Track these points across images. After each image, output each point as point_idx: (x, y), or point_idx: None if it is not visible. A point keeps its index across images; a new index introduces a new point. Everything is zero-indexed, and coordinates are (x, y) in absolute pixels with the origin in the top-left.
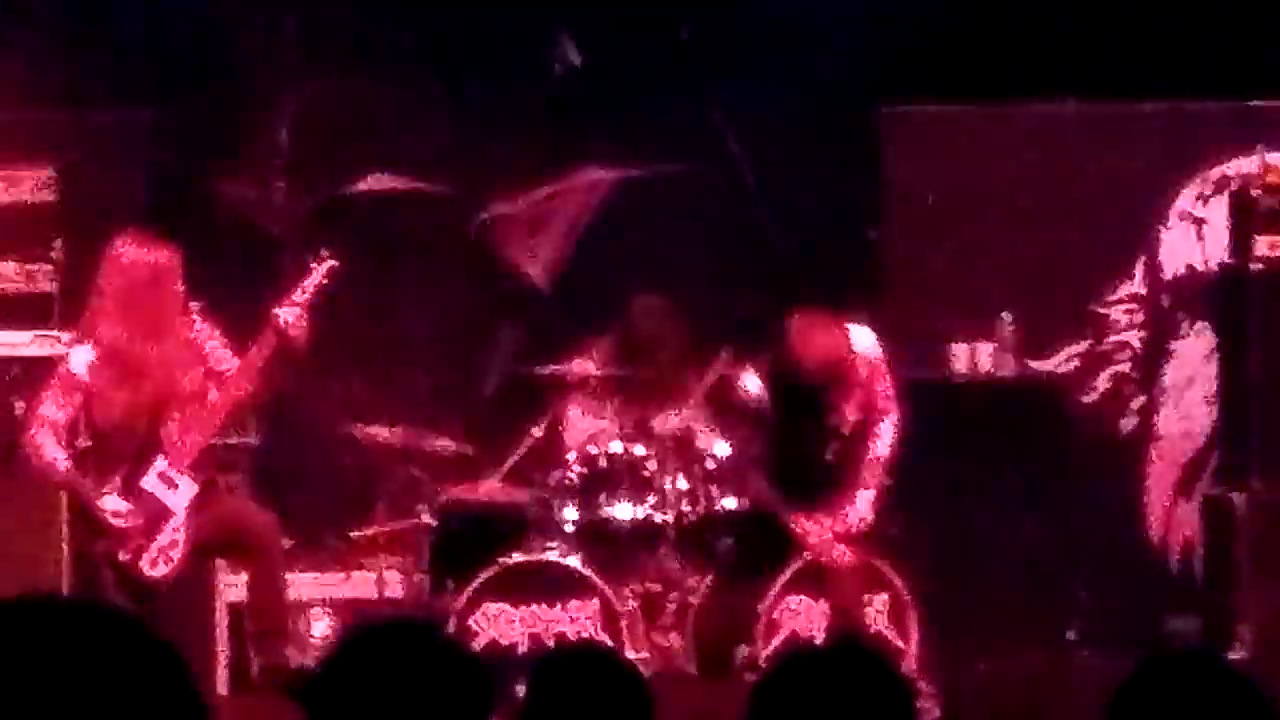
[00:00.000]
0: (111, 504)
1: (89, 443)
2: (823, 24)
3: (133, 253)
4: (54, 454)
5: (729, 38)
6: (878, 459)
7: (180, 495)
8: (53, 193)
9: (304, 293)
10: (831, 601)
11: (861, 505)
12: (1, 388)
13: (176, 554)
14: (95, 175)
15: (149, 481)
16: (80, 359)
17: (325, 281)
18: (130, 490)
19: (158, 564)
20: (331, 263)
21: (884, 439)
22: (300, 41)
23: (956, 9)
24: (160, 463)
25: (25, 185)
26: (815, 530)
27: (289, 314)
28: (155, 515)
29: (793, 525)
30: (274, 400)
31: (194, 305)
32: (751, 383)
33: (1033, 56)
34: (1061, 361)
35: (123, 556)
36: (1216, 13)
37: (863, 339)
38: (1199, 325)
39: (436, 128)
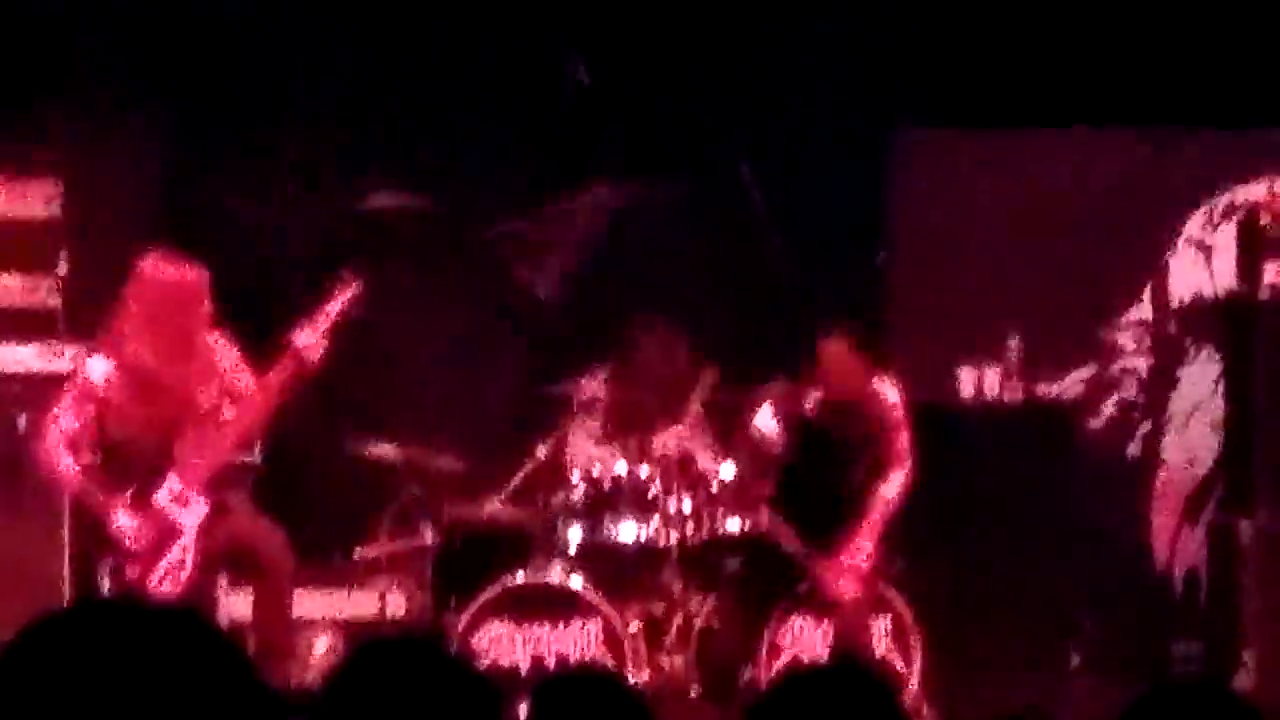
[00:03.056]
0: (123, 520)
1: (103, 456)
2: (834, 47)
3: (164, 270)
4: (68, 464)
5: (740, 59)
6: (886, 504)
7: (191, 513)
8: (58, 207)
9: (326, 316)
10: (836, 626)
11: (865, 545)
12: (5, 401)
13: (185, 573)
14: (101, 190)
15: (161, 498)
16: (99, 371)
17: (346, 305)
18: (142, 506)
19: (164, 582)
20: (354, 286)
21: (893, 487)
22: (311, 58)
23: (967, 34)
24: (173, 480)
25: (31, 199)
26: (823, 561)
27: (308, 339)
28: (165, 532)
29: (800, 556)
30: (277, 417)
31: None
32: (764, 420)
33: (1043, 83)
34: (1068, 386)
35: (130, 573)
36: (1226, 41)
37: (887, 390)
38: (1206, 352)
39: (445, 145)
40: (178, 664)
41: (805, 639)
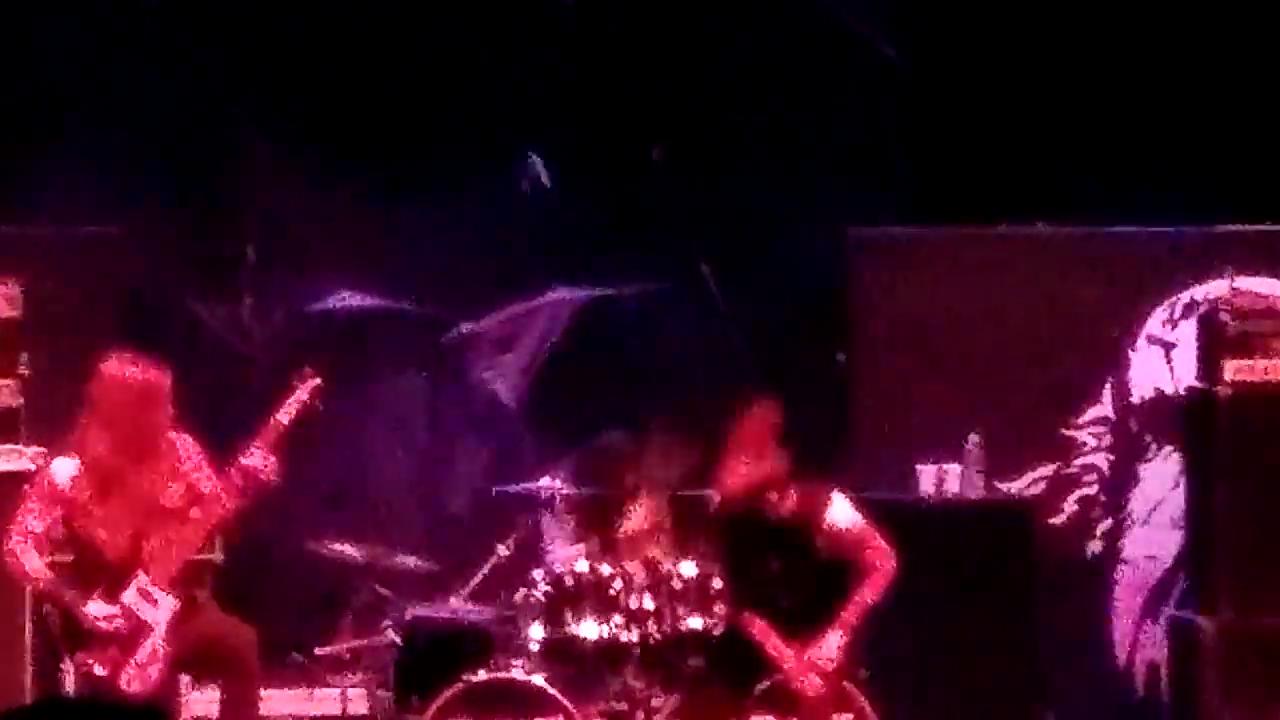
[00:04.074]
0: (97, 609)
1: (71, 556)
2: (791, 148)
3: (126, 371)
4: (35, 565)
5: (701, 160)
6: (862, 603)
7: (160, 611)
8: (18, 308)
9: (287, 412)
10: None
11: (831, 645)
12: None
13: (155, 670)
14: (62, 291)
15: (129, 596)
16: (65, 472)
17: (308, 399)
18: (111, 604)
19: (134, 682)
20: (315, 381)
21: (875, 588)
22: (274, 160)
23: (924, 133)
24: (141, 578)
25: None
26: (790, 656)
27: (256, 460)
28: (135, 630)
29: (768, 649)
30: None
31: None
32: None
33: (1002, 181)
34: (1028, 484)
35: (101, 671)
36: (1184, 139)
37: (841, 509)
38: (1167, 449)
39: (405, 246)
40: None
41: None
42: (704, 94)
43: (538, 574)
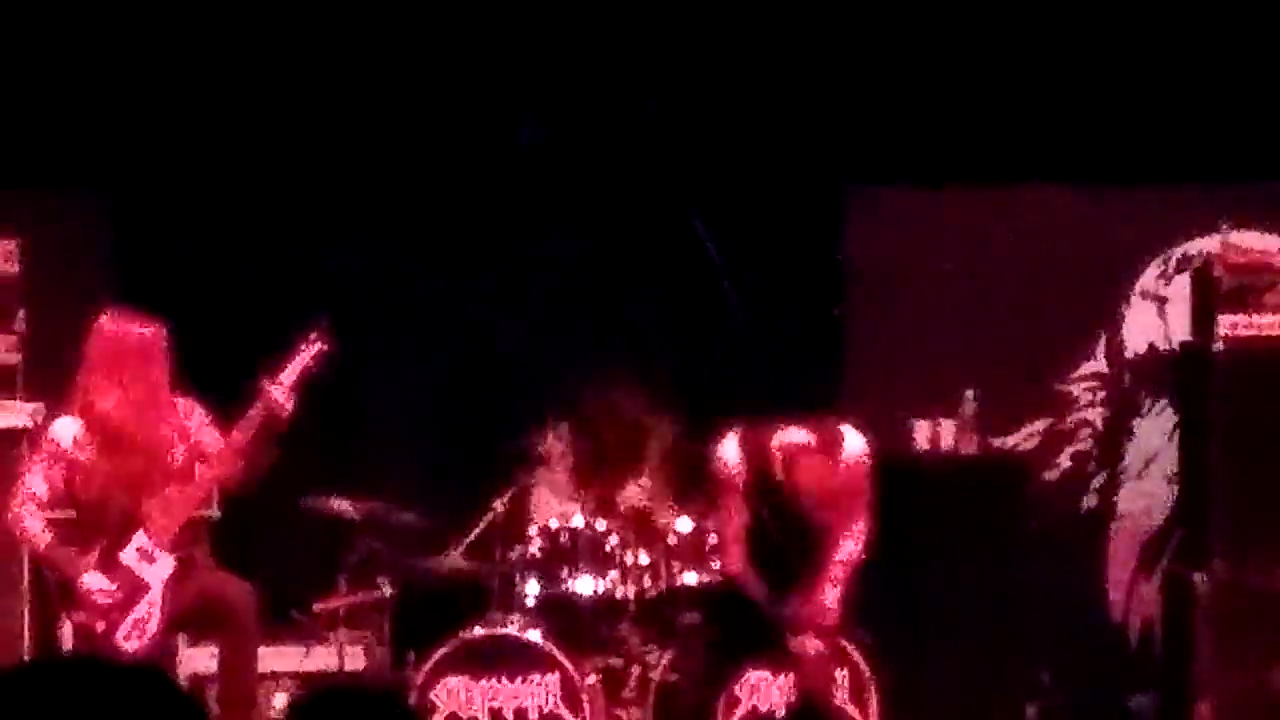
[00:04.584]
0: (92, 581)
1: (72, 514)
2: (790, 102)
3: (121, 327)
4: (36, 528)
5: (696, 114)
6: (847, 560)
7: (158, 570)
8: (16, 264)
9: (291, 373)
10: (796, 679)
11: (828, 599)
12: None
13: (152, 627)
14: (60, 248)
15: (128, 555)
16: (66, 431)
17: (312, 363)
18: (109, 563)
19: (131, 638)
20: (320, 345)
21: (854, 542)
22: (270, 112)
23: (921, 90)
24: (140, 537)
25: None
26: (789, 612)
27: (278, 392)
28: (132, 589)
29: (767, 605)
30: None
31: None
32: (729, 450)
33: (997, 138)
34: (1023, 439)
35: (98, 628)
36: (1180, 95)
37: (853, 443)
38: (1160, 403)
39: (403, 200)
40: None
41: (764, 691)
42: (700, 47)
43: (533, 530)
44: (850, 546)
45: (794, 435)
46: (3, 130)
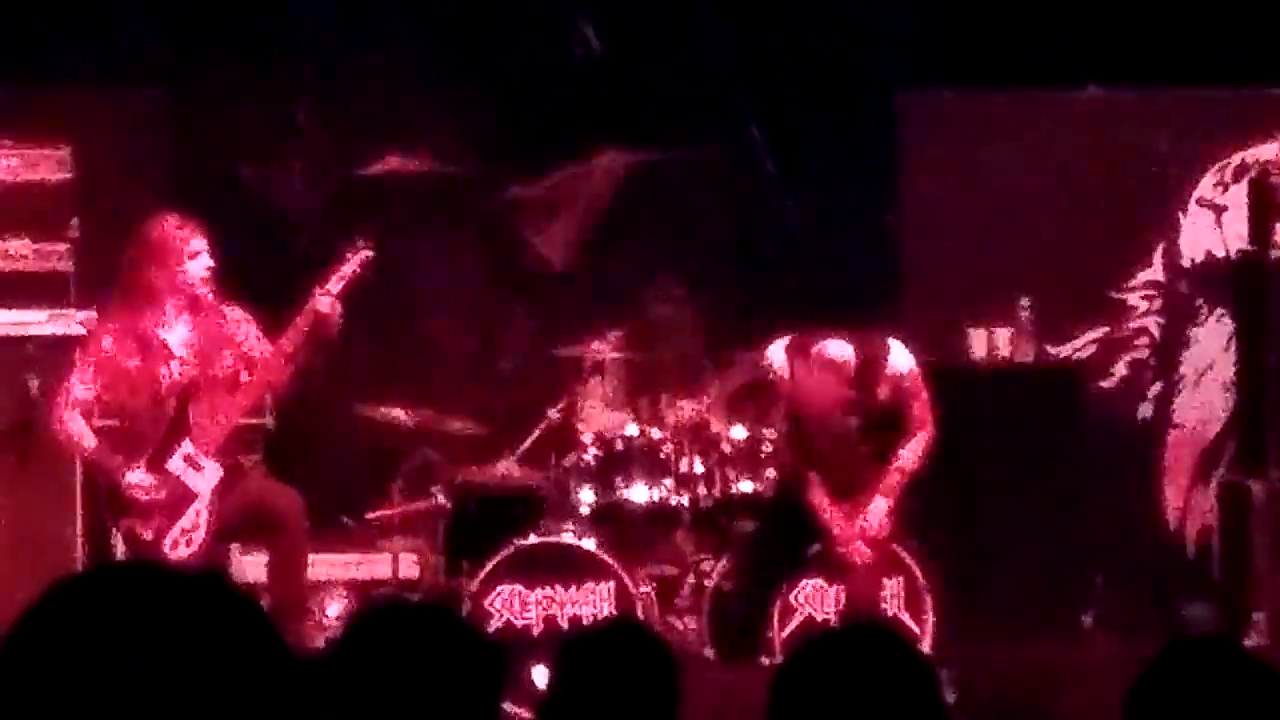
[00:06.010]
0: (136, 478)
1: (117, 422)
2: (843, 9)
3: (164, 233)
4: (82, 432)
5: (749, 22)
6: (903, 470)
7: (206, 478)
8: (69, 171)
9: (339, 280)
10: (849, 589)
11: (877, 511)
12: (16, 366)
13: (199, 536)
14: (113, 154)
15: (174, 464)
16: (110, 337)
17: (359, 270)
18: (156, 472)
19: (179, 546)
20: (366, 252)
21: (914, 453)
22: (318, 24)
23: None
24: (186, 445)
25: (42, 164)
26: (840, 520)
27: (325, 301)
28: (179, 497)
29: (819, 511)
30: (294, 382)
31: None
32: (776, 355)
33: (1053, 42)
34: (1079, 347)
35: (146, 536)
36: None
37: (899, 356)
38: (1217, 312)
39: (455, 110)
40: (203, 628)
41: (818, 600)
42: None
43: (587, 438)
44: (906, 459)
45: (832, 349)
46: (53, 30)
